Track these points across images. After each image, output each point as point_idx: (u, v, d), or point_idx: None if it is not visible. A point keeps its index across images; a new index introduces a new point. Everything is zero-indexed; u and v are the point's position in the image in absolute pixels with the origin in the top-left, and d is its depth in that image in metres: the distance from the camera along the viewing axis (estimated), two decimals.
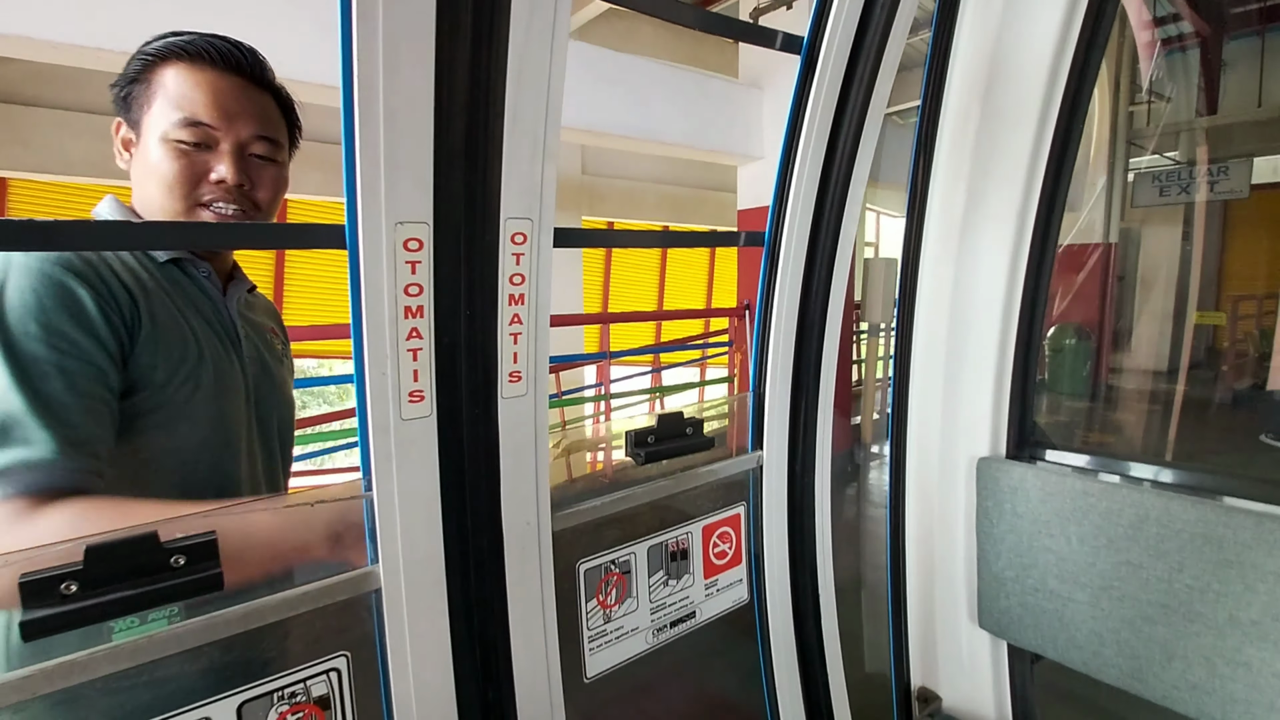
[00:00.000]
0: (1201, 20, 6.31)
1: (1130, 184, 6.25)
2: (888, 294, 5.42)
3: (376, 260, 0.65)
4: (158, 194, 0.84)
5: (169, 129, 0.82)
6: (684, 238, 2.03)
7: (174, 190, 0.83)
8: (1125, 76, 6.33)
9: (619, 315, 8.00)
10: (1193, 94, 6.41)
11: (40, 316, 0.71)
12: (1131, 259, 6.51)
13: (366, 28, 0.58)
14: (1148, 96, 6.35)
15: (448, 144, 0.67)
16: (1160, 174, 6.05)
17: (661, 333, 8.83)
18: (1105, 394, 6.01)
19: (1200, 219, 6.50)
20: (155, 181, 0.83)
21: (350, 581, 0.73)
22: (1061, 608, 1.21)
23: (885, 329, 6.16)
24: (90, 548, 0.57)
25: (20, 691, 0.56)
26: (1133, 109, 6.50)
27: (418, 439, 0.73)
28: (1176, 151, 6.47)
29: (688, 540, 1.06)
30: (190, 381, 0.82)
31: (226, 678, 0.66)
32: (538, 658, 0.87)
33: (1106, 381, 6.11)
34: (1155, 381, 5.95)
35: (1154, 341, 6.20)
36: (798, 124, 1.01)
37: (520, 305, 0.76)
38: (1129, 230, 6.54)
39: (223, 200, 0.86)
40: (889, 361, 6.42)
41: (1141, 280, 6.49)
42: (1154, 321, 6.27)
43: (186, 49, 0.83)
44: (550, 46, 0.69)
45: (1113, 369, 6.25)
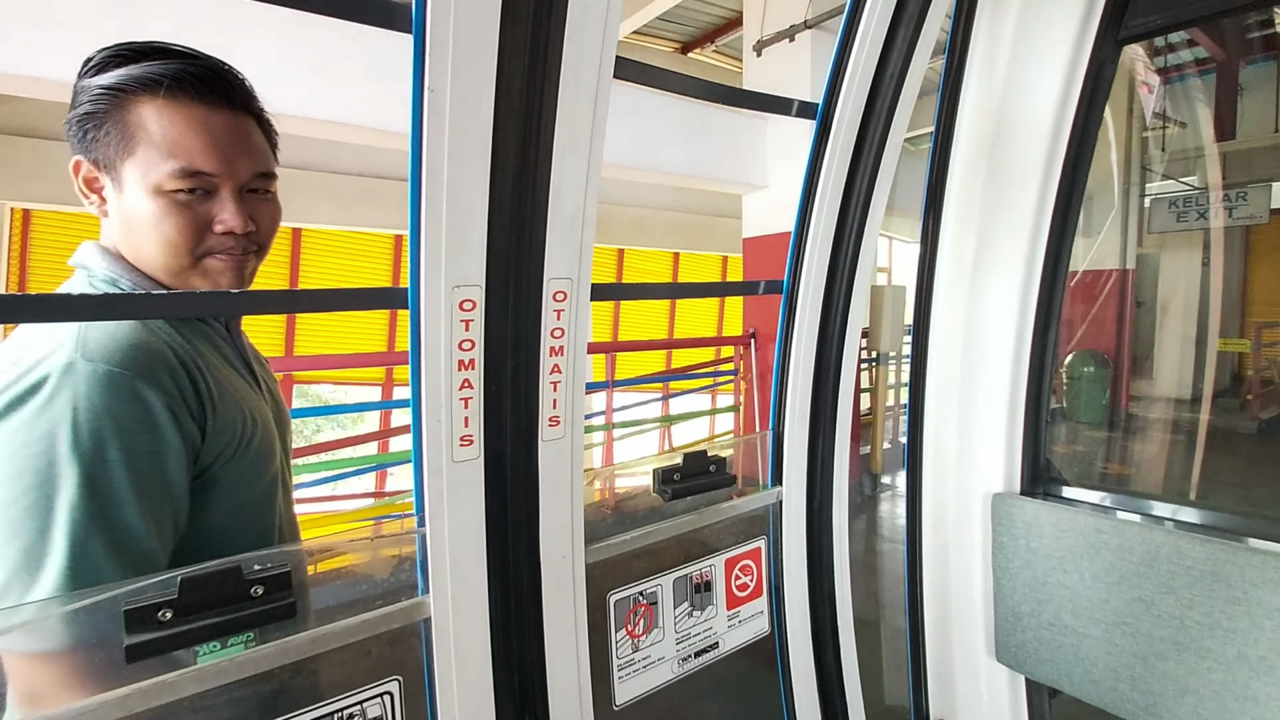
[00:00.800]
0: (1217, 46, 6.35)
1: (1146, 210, 6.25)
2: (896, 322, 5.41)
3: (436, 319, 0.73)
4: (157, 249, 0.76)
5: (164, 180, 0.73)
6: (709, 288, 2.10)
7: (178, 246, 0.75)
8: (1138, 102, 6.35)
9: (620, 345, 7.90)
10: (1208, 118, 6.42)
11: (119, 439, 0.65)
12: (1150, 285, 6.48)
13: (435, 125, 0.67)
14: (1159, 123, 6.37)
15: (499, 216, 0.75)
16: (1177, 199, 6.05)
17: (672, 360, 8.86)
18: (1124, 423, 5.94)
19: (1220, 245, 6.46)
20: (151, 236, 0.75)
21: (403, 610, 0.79)
22: (1077, 642, 1.24)
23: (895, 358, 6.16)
24: (184, 579, 0.64)
25: (121, 709, 0.63)
26: (1147, 134, 6.51)
27: (467, 479, 0.80)
28: (1194, 177, 6.46)
29: (711, 573, 1.12)
30: (246, 439, 0.80)
31: (294, 699, 0.73)
32: (571, 685, 0.92)
33: (1126, 410, 6.04)
34: (1177, 410, 5.87)
35: (1175, 369, 6.13)
36: (813, 183, 1.09)
37: (560, 356, 0.84)
38: (1146, 256, 6.52)
39: (230, 250, 0.79)
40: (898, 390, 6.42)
41: (1161, 307, 6.45)
42: (1174, 348, 6.22)
43: (161, 79, 0.72)
44: (590, 130, 0.77)
45: (1132, 397, 6.18)
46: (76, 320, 0.68)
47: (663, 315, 9.71)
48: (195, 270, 0.78)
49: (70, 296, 0.62)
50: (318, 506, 4.32)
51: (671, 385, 6.62)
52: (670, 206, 8.26)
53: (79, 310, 0.66)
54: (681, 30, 6.96)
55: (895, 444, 5.92)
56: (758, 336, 5.10)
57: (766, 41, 4.82)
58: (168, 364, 0.71)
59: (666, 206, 8.25)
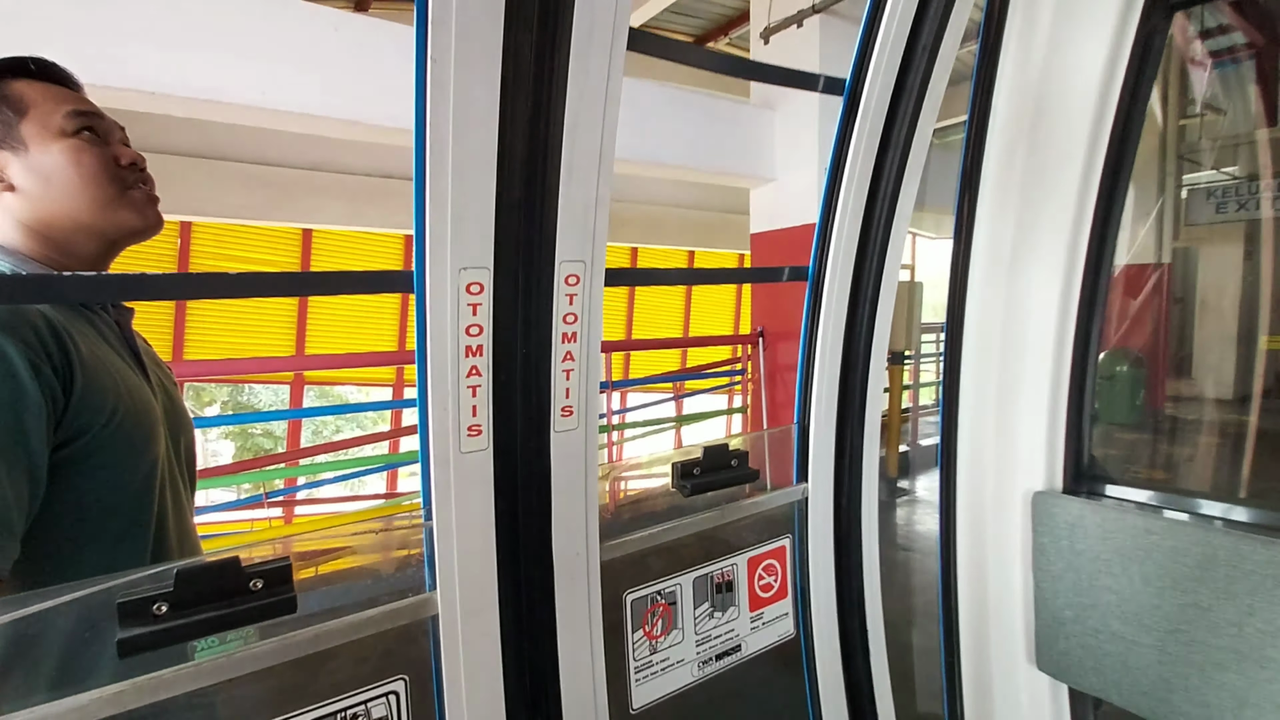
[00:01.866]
0: (1257, 31, 6.09)
1: (1184, 201, 5.99)
2: (913, 319, 5.26)
3: (441, 303, 0.70)
4: (81, 186, 0.79)
5: (64, 122, 0.79)
6: (729, 274, 2.05)
7: (99, 175, 0.80)
8: (1175, 90, 6.10)
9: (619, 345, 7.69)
10: (1251, 106, 6.14)
11: None
12: (1189, 280, 6.21)
13: (439, 97, 0.63)
14: (1201, 111, 6.11)
15: (508, 195, 0.71)
16: (1215, 190, 5.79)
17: (687, 359, 8.71)
18: (1162, 425, 5.69)
19: (1269, 236, 6.19)
20: (72, 176, 0.79)
21: (410, 607, 0.76)
22: (1125, 651, 1.17)
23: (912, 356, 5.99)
24: (180, 571, 0.62)
25: (114, 705, 0.60)
26: (1184, 123, 6.24)
27: (475, 470, 0.76)
28: (1235, 166, 6.18)
29: (733, 572, 1.07)
30: (119, 416, 0.78)
31: (295, 697, 0.70)
32: (585, 687, 0.88)
33: (1164, 411, 5.80)
34: (1219, 411, 5.62)
35: (1215, 368, 5.87)
36: (840, 164, 1.03)
37: (573, 343, 0.80)
38: (1184, 250, 6.25)
39: (144, 180, 0.85)
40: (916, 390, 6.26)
41: (1201, 303, 6.17)
42: (1216, 346, 5.95)
43: (26, 62, 0.81)
44: (604, 105, 0.73)
45: (1170, 397, 5.93)
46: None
47: (677, 315, 9.56)
48: (123, 201, 0.82)
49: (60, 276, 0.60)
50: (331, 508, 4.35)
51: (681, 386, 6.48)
52: (682, 203, 8.13)
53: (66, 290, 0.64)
54: (694, 23, 6.88)
55: (914, 447, 5.77)
56: (766, 335, 4.93)
57: (774, 28, 4.63)
58: (32, 323, 0.72)
59: (678, 203, 8.11)
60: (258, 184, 5.26)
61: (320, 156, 5.42)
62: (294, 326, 6.46)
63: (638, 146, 3.95)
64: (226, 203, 5.17)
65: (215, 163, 5.10)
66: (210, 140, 5.05)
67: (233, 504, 4.02)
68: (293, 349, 6.45)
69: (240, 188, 5.19)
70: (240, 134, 5.09)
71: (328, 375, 6.95)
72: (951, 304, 1.29)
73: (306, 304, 6.45)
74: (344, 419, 9.05)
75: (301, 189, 5.41)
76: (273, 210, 5.35)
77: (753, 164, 4.52)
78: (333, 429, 8.95)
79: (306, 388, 6.98)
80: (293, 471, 4.10)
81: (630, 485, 4.36)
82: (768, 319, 4.91)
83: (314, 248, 6.36)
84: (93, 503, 0.77)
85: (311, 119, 2.84)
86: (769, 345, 4.87)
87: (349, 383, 7.22)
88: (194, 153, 5.02)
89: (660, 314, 9.38)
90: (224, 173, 5.13)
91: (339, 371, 6.93)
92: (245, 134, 5.10)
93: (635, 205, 7.80)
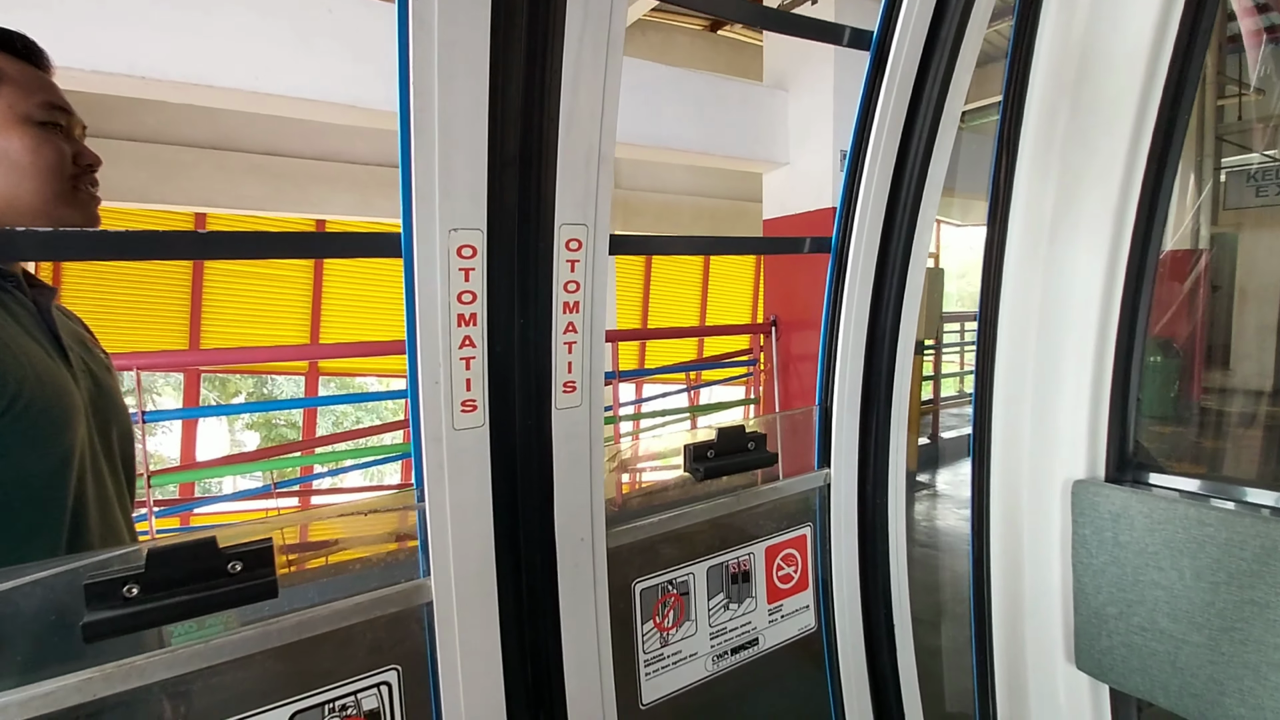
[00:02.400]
0: None
1: (1223, 184, 5.71)
2: (933, 307, 5.07)
3: (430, 267, 0.65)
4: (34, 176, 0.78)
5: (34, 111, 0.78)
6: (743, 243, 1.98)
7: (56, 170, 0.79)
8: (1212, 67, 5.80)
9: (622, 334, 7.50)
10: None
11: None
12: (1226, 267, 5.93)
13: (423, 36, 0.58)
14: (1254, 90, 5.83)
15: (502, 150, 0.66)
16: (1256, 172, 5.52)
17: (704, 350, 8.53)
18: (1198, 417, 5.44)
19: None
20: (28, 165, 0.78)
21: (402, 594, 0.72)
22: (1174, 650, 1.08)
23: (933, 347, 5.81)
24: (152, 552, 0.58)
25: (81, 693, 0.57)
26: (1223, 103, 5.95)
27: (470, 449, 0.71)
28: (1278, 149, 5.88)
29: (750, 561, 1.01)
30: (24, 400, 0.73)
31: (279, 687, 0.66)
32: (591, 680, 0.83)
33: (1200, 403, 5.55)
34: (1261, 403, 5.36)
35: (1257, 359, 5.61)
36: (867, 124, 0.96)
37: (575, 314, 0.74)
38: (1223, 236, 5.97)
39: (94, 183, 0.85)
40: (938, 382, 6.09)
41: (1240, 291, 5.90)
42: (1257, 336, 5.68)
43: (10, 37, 0.80)
44: (605, 52, 0.68)
45: (1206, 389, 5.67)
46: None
47: (693, 305, 9.34)
48: (72, 198, 0.81)
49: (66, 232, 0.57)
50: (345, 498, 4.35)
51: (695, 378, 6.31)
52: (695, 191, 7.96)
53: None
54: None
55: (935, 440, 5.63)
56: (780, 324, 4.73)
57: (788, 5, 4.52)
58: None
59: (691, 191, 7.95)
60: (268, 174, 5.27)
61: (329, 146, 5.41)
62: (308, 320, 6.50)
63: (646, 131, 3.82)
64: (237, 193, 5.17)
65: (225, 153, 5.11)
66: (220, 131, 5.06)
67: (239, 494, 4.05)
68: (307, 341, 6.49)
69: (250, 178, 5.20)
70: (249, 124, 5.11)
71: (344, 366, 6.99)
72: (986, 277, 1.21)
73: (320, 297, 6.49)
74: (364, 411, 9.14)
75: (311, 179, 5.41)
76: (283, 201, 5.35)
77: (765, 148, 4.35)
78: (353, 420, 9.05)
79: (328, 380, 7.04)
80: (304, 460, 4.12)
81: (643, 475, 4.29)
82: (781, 307, 4.73)
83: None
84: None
85: (306, 104, 2.79)
86: (782, 334, 4.71)
87: (370, 373, 7.27)
88: (205, 144, 5.03)
89: (676, 304, 9.19)
90: (234, 163, 5.14)
91: (359, 363, 6.97)
92: (254, 124, 5.11)
93: (648, 194, 7.68)
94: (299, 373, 6.94)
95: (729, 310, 9.63)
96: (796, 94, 4.33)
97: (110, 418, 0.88)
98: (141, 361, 3.07)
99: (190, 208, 5.27)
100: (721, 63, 7.14)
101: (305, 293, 6.48)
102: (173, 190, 4.96)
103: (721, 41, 7.25)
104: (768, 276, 5.09)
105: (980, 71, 0.99)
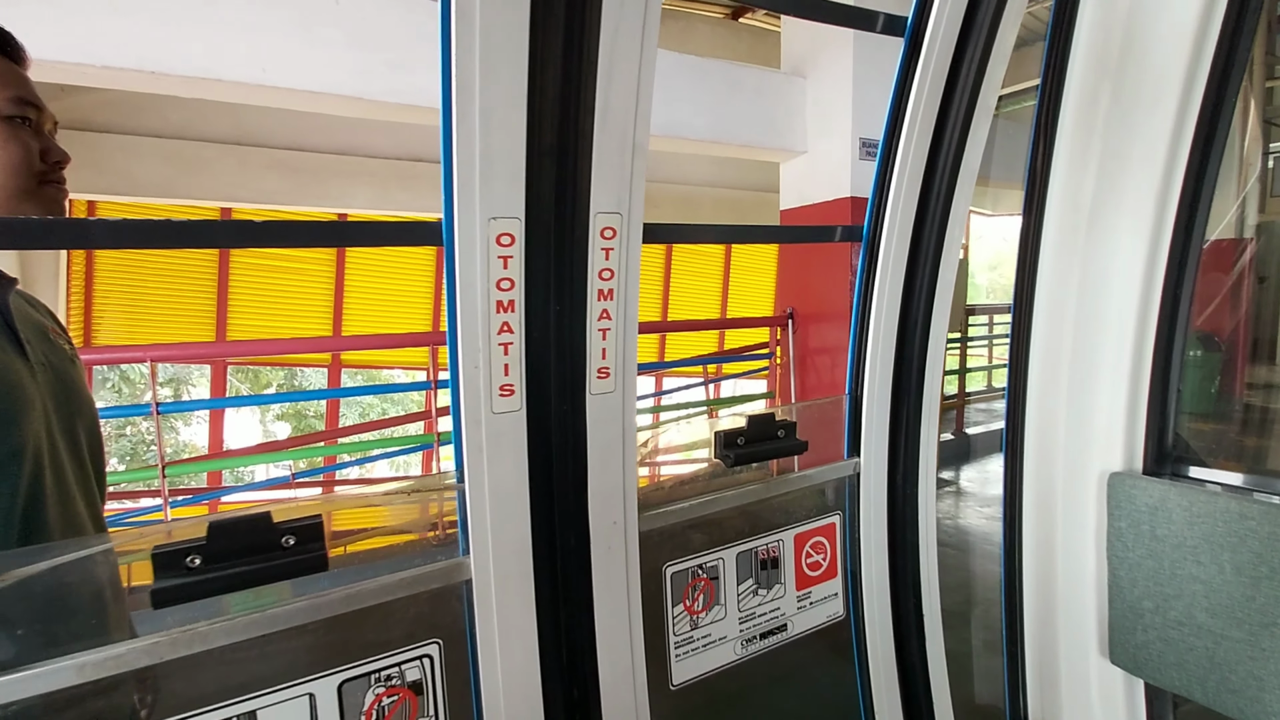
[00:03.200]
0: None
1: (1270, 170, 5.45)
2: (956, 299, 4.94)
3: (471, 255, 0.67)
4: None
5: (6, 106, 0.79)
6: (775, 232, 1.97)
7: (22, 167, 0.79)
8: (1261, 47, 5.51)
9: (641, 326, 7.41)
10: None
11: None
12: (1275, 257, 5.67)
13: (464, 30, 0.60)
14: None
15: (540, 141, 0.68)
16: None
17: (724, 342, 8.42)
18: (1239, 414, 5.21)
19: None
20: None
21: (443, 570, 0.75)
22: (1213, 646, 1.07)
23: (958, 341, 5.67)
24: (212, 524, 0.61)
25: (149, 656, 0.60)
26: (1271, 84, 5.65)
27: (508, 432, 0.73)
28: None
29: (779, 548, 1.02)
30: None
31: (328, 658, 0.69)
32: (623, 660, 0.85)
33: (1243, 399, 5.31)
34: None
35: None
36: (900, 111, 0.96)
37: (609, 300, 0.76)
38: (1269, 225, 5.70)
39: (61, 181, 0.84)
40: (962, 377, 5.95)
41: None
42: None
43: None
44: (640, 43, 0.69)
45: (1250, 385, 5.43)
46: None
47: (715, 296, 9.20)
48: (36, 193, 0.81)
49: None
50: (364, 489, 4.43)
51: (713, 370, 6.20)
52: (716, 182, 7.81)
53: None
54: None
55: (959, 435, 5.51)
56: (796, 317, 4.52)
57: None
58: None
59: (711, 182, 7.80)
60: (289, 170, 5.31)
61: (349, 141, 5.43)
62: (331, 313, 6.61)
63: (660, 120, 3.67)
64: (259, 188, 5.22)
65: (247, 149, 5.16)
66: (242, 127, 5.11)
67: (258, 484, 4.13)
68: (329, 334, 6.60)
69: (271, 173, 5.24)
70: (270, 119, 5.14)
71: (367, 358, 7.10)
72: (1021, 265, 1.19)
73: (343, 290, 6.58)
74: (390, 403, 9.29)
75: (331, 174, 5.43)
76: (304, 195, 5.39)
77: (782, 136, 4.16)
78: (379, 412, 9.20)
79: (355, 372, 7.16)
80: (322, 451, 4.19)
81: (666, 466, 4.27)
82: (797, 299, 4.60)
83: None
84: None
85: (313, 96, 2.75)
86: (799, 327, 4.60)
87: (394, 365, 7.37)
88: (227, 139, 5.08)
89: (697, 297, 9.08)
90: (255, 159, 5.20)
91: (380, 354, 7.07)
92: (275, 119, 5.14)
93: (668, 185, 7.61)
94: (321, 364, 7.09)
95: (752, 303, 9.52)
96: (815, 80, 4.16)
97: (74, 410, 0.86)
98: (155, 353, 3.06)
99: (213, 202, 5.33)
100: (743, 50, 7.01)
101: (328, 286, 6.59)
102: (196, 185, 5.06)
103: (743, 29, 7.14)
104: (781, 269, 4.91)
105: (1015, 54, 0.98)
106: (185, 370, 9.14)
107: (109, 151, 4.86)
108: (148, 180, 4.95)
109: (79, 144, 4.76)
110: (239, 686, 0.65)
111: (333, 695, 0.69)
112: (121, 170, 4.92)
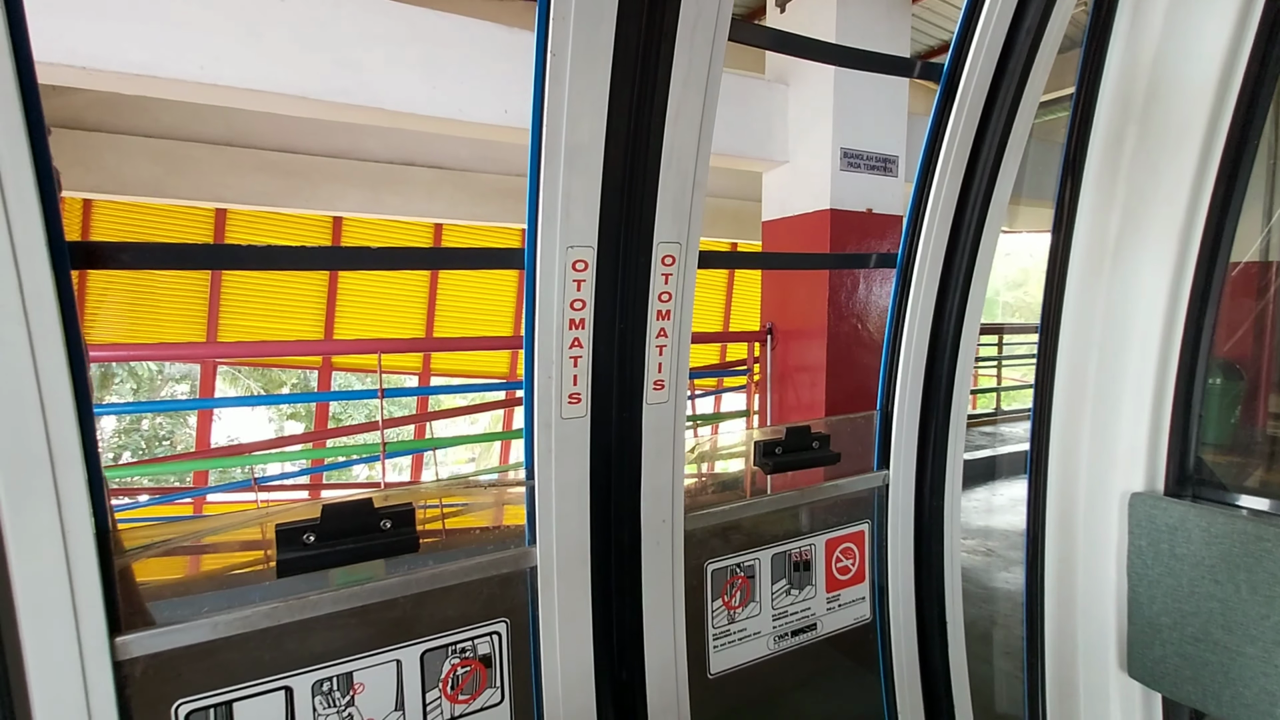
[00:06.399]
0: None
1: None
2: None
3: (550, 279, 0.76)
4: None
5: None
6: (817, 259, 2.04)
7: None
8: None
9: None
10: None
11: None
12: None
13: (555, 85, 0.69)
14: None
15: (613, 178, 0.77)
16: None
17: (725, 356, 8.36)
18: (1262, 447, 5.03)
19: None
20: None
21: (511, 558, 0.84)
22: (1228, 661, 1.11)
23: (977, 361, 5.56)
24: (325, 507, 0.71)
25: (270, 619, 0.70)
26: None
27: (573, 436, 0.82)
28: None
29: (810, 552, 1.09)
30: None
31: (413, 629, 0.78)
32: (666, 648, 0.93)
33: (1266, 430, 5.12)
34: None
35: None
36: (935, 149, 1.03)
37: (666, 320, 0.85)
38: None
39: None
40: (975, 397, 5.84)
41: None
42: None
43: None
44: (704, 93, 0.77)
45: (1275, 415, 5.23)
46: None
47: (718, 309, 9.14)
48: None
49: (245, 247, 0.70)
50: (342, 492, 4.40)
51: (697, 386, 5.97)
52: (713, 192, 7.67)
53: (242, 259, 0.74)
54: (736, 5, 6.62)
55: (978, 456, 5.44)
56: (776, 333, 4.23)
57: (749, 13, 4.18)
58: None
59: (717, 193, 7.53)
60: (280, 171, 5.30)
61: (340, 144, 5.40)
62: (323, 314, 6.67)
63: None
64: (249, 189, 5.21)
65: (238, 150, 5.15)
66: (233, 128, 5.11)
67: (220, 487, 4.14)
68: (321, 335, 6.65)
69: (262, 175, 5.24)
70: (261, 121, 5.14)
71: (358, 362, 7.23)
72: (1048, 292, 1.25)
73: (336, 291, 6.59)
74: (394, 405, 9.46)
75: (323, 176, 5.42)
76: (295, 197, 5.38)
77: (764, 145, 4.00)
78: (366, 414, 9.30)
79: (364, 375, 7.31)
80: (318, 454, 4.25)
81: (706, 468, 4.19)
82: (778, 315, 4.25)
83: (343, 237, 6.44)
84: None
85: (255, 95, 2.67)
86: (778, 343, 4.33)
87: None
88: (218, 140, 5.07)
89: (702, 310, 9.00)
90: (246, 160, 5.18)
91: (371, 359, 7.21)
92: (266, 121, 5.14)
93: None
94: (312, 366, 7.20)
95: (753, 318, 9.48)
96: (797, 88, 3.99)
97: None
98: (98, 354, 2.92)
99: (203, 203, 5.32)
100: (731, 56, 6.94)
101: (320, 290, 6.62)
102: (186, 185, 5.05)
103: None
104: (765, 284, 4.65)
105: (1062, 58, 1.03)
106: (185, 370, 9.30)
107: (99, 150, 4.80)
108: (136, 179, 4.90)
109: (69, 142, 4.70)
110: (339, 650, 0.75)
111: (416, 663, 0.78)
112: (110, 169, 4.84)
